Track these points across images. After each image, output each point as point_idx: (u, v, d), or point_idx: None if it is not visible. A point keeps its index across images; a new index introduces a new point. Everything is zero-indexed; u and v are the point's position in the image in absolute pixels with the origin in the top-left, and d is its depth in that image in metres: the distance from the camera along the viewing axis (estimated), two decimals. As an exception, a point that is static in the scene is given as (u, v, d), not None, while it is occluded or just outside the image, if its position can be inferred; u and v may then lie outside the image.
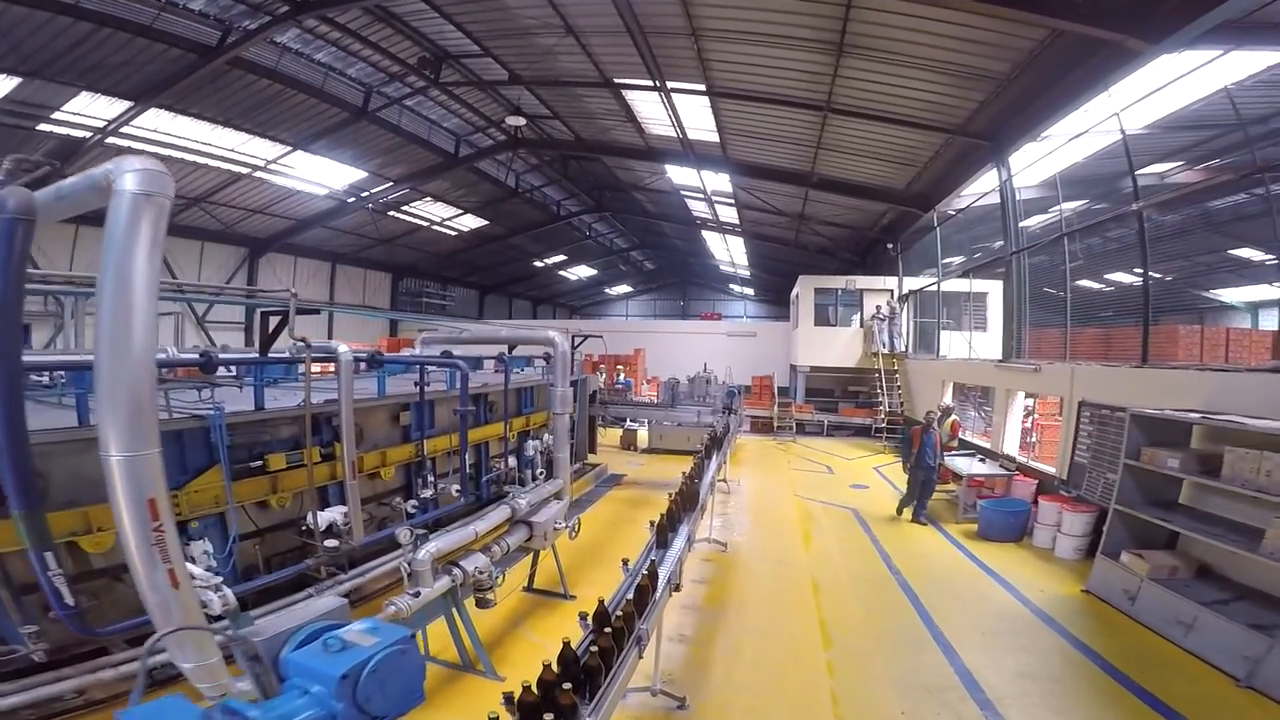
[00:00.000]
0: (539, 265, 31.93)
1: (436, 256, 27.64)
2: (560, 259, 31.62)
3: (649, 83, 12.35)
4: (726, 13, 9.59)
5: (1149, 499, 6.37)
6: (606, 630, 3.37)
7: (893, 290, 19.53)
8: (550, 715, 2.38)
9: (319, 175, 17.58)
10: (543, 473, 6.89)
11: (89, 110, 12.96)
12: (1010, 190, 11.68)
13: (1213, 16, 6.31)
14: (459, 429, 5.87)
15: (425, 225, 23.33)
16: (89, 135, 13.74)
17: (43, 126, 12.96)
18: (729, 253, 27.56)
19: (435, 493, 6.43)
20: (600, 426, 15.30)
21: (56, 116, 12.82)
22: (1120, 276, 13.83)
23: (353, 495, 4.88)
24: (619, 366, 22.34)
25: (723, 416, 12.61)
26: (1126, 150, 8.55)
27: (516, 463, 7.19)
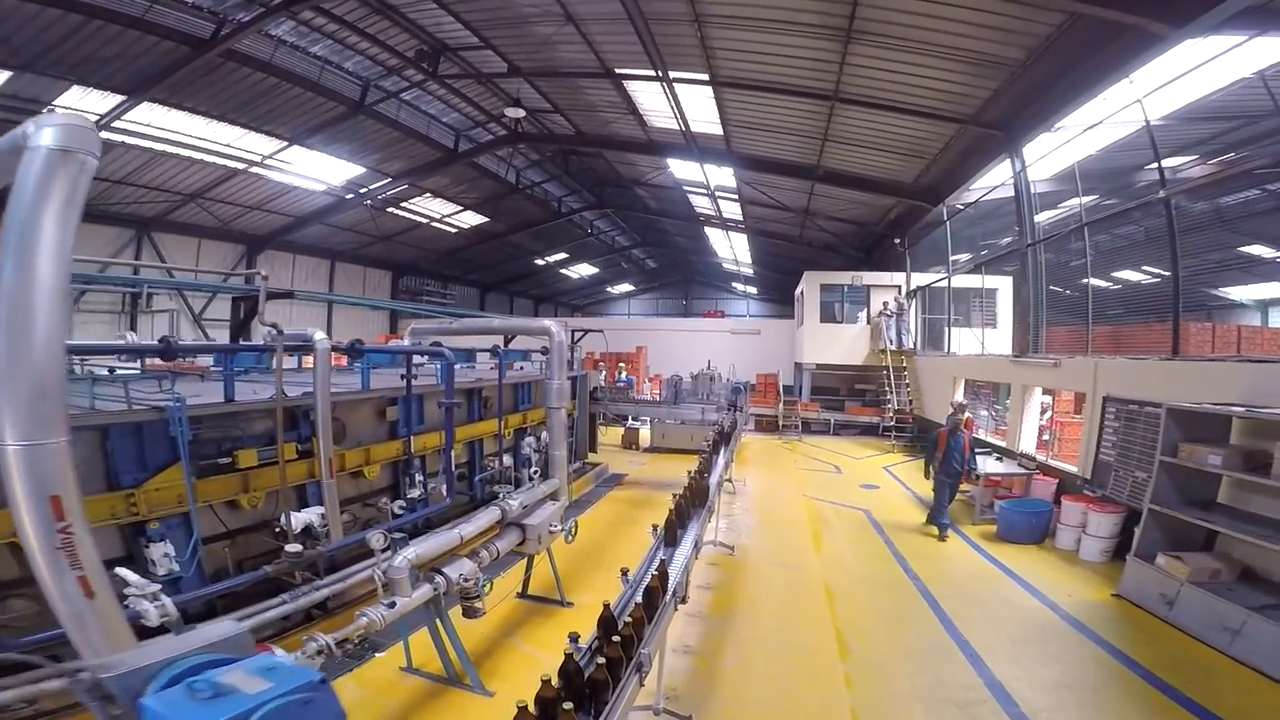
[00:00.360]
0: (540, 263, 31.66)
1: (437, 254, 27.40)
2: (561, 257, 31.34)
3: (651, 72, 12.02)
4: (731, -4, 9.28)
5: (1185, 498, 6.01)
6: (615, 639, 3.03)
7: (900, 286, 19.17)
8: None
9: (316, 171, 17.37)
10: (537, 472, 6.54)
11: (81, 104, 12.71)
12: (1025, 181, 11.33)
13: (1239, 0, 6.02)
14: (445, 423, 5.46)
15: (425, 222, 23.08)
16: (82, 130, 13.53)
17: (34, 121, 12.75)
18: (732, 250, 27.18)
19: (425, 493, 6.05)
20: (601, 425, 14.96)
21: (48, 111, 12.62)
22: (1127, 275, 13.52)
23: (330, 495, 4.53)
24: (620, 364, 22.02)
25: (729, 414, 12.22)
26: (1151, 138, 8.19)
27: (513, 462, 6.82)
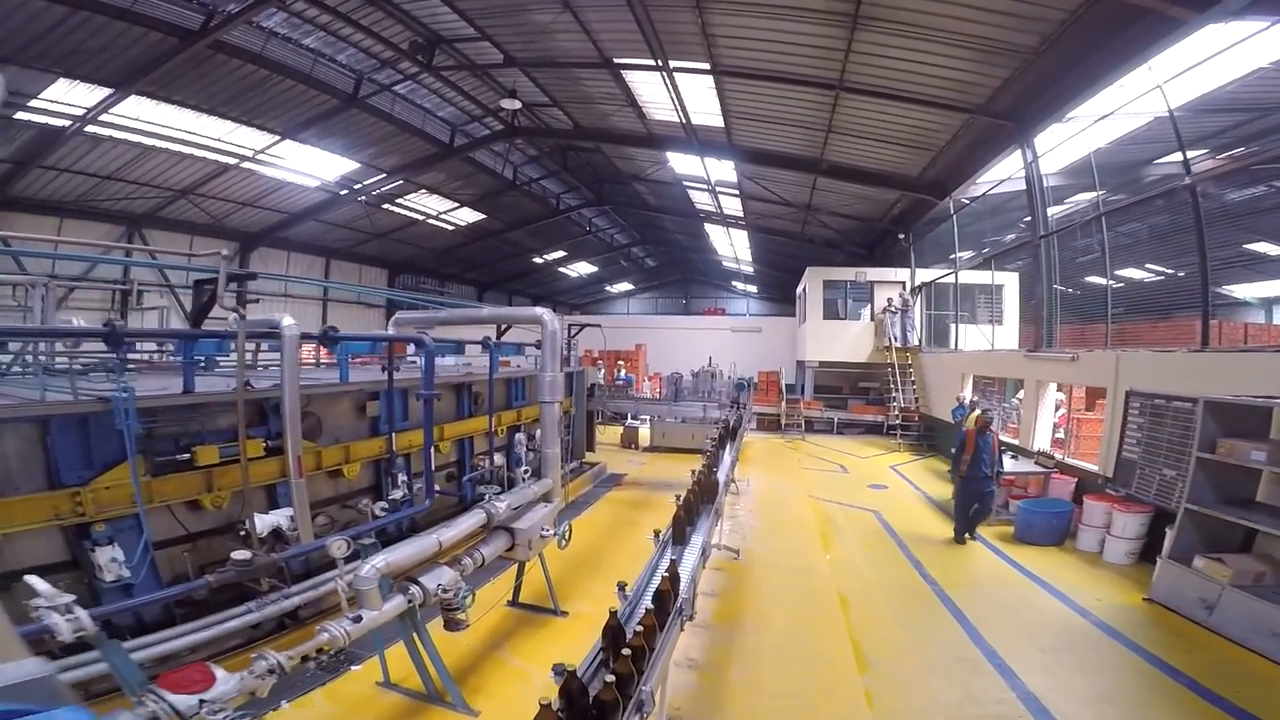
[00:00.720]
0: (538, 261, 31.32)
1: (433, 252, 27.05)
2: (560, 255, 30.99)
3: (650, 62, 11.71)
4: (734, -20, 9.00)
5: (1222, 497, 5.70)
6: (625, 652, 2.65)
7: (904, 282, 18.86)
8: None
9: (310, 166, 17.02)
10: (528, 472, 6.16)
11: (67, 98, 12.40)
12: (1037, 172, 11.04)
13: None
14: (424, 417, 5.05)
15: (421, 219, 22.71)
16: (68, 124, 13.21)
17: (20, 115, 12.36)
18: (732, 248, 26.85)
19: (409, 494, 5.70)
20: (599, 423, 14.64)
21: (34, 104, 12.23)
22: (1131, 272, 13.26)
23: (299, 495, 4.17)
24: (620, 362, 21.72)
25: (733, 410, 11.88)
26: (1174, 124, 7.87)
27: (505, 461, 6.46)
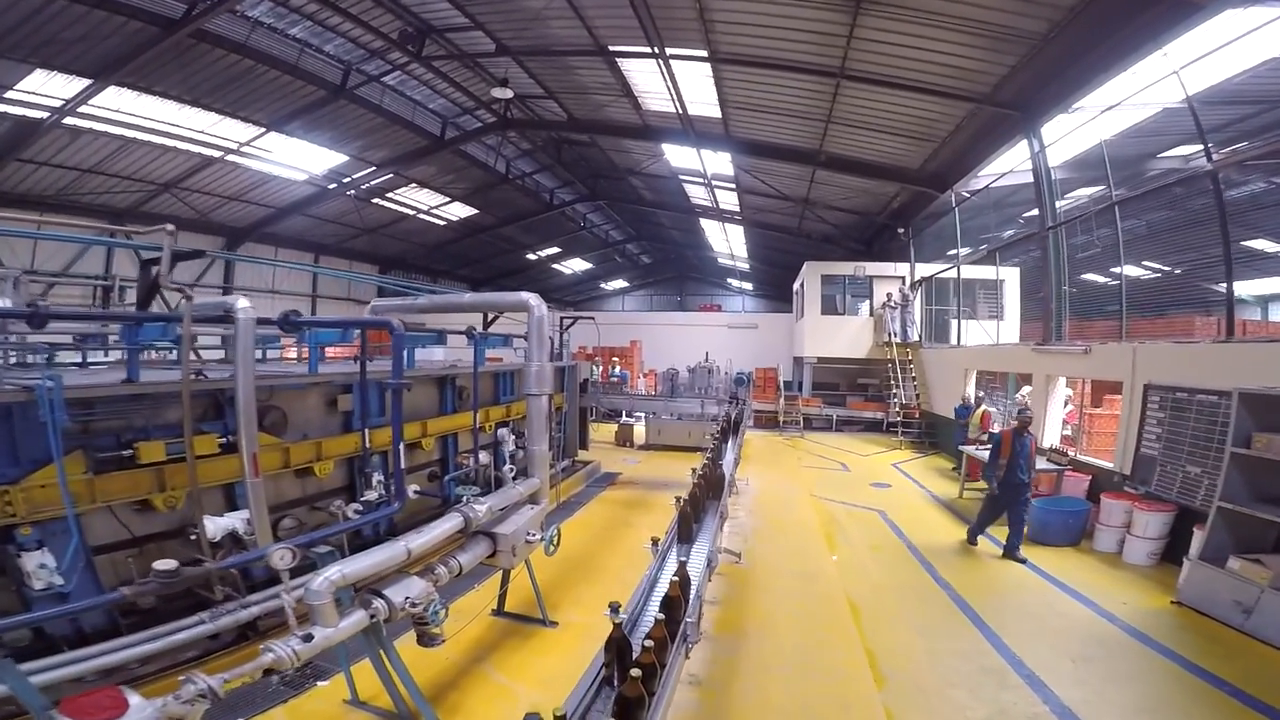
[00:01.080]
0: (532, 258, 30.93)
1: (425, 248, 26.63)
2: (554, 251, 30.61)
3: (646, 49, 11.37)
4: (734, -38, 8.68)
5: (1258, 494, 5.44)
6: (633, 674, 2.27)
7: (904, 277, 18.61)
8: None
9: (297, 159, 16.61)
10: (512, 470, 5.80)
11: (44, 89, 12.00)
12: (1044, 162, 10.78)
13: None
14: (392, 411, 4.59)
15: (412, 214, 22.30)
16: (45, 116, 12.80)
17: (-5, 107, 11.97)
18: (728, 244, 26.55)
19: (387, 495, 5.35)
20: (593, 420, 14.32)
21: (9, 96, 11.83)
22: (1128, 270, 13.06)
23: (255, 496, 3.78)
24: (614, 358, 21.39)
25: (733, 405, 11.56)
26: (1193, 112, 7.60)
27: (492, 460, 6.10)
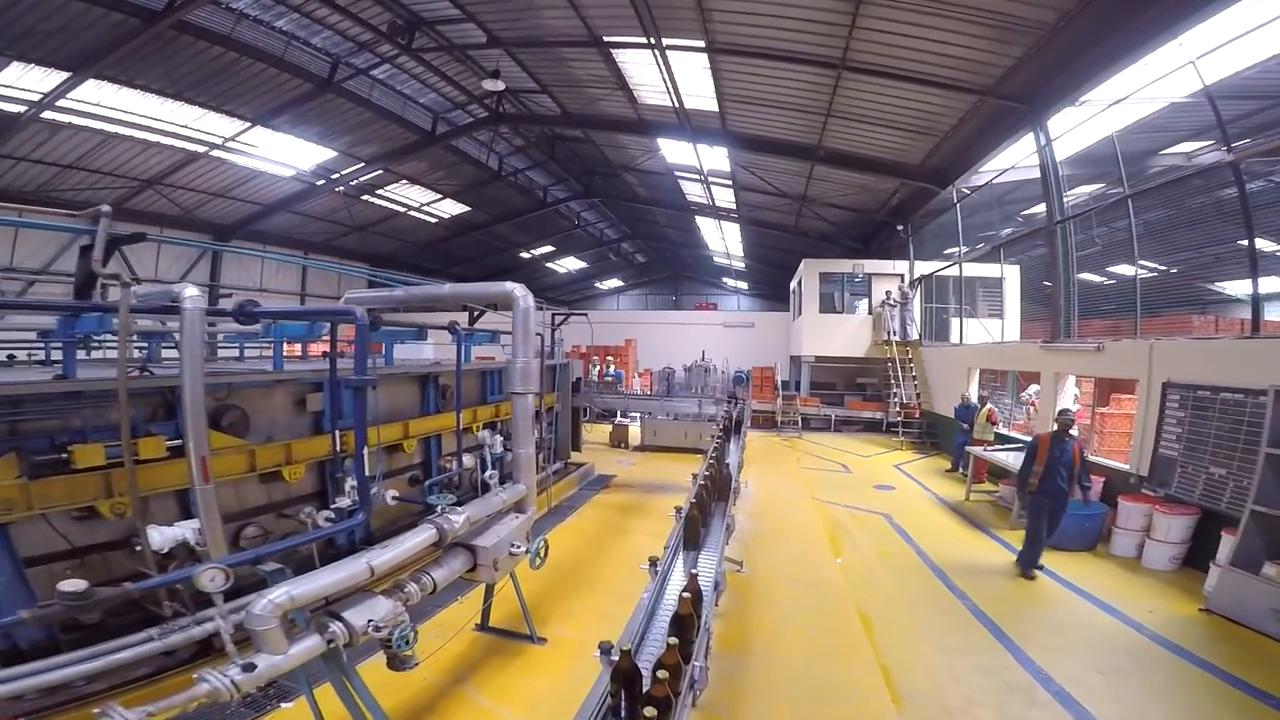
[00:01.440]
0: (525, 256, 30.58)
1: (416, 246, 26.26)
2: (548, 250, 30.28)
3: (642, 40, 11.05)
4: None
5: (1294, 498, 5.25)
6: (648, 713, 2.04)
7: (903, 275, 18.37)
8: None
9: (284, 154, 16.24)
10: (493, 476, 5.41)
11: (21, 82, 11.66)
12: (1051, 156, 10.54)
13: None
14: (353, 411, 4.20)
15: (402, 211, 21.93)
16: (23, 110, 12.48)
17: (-29, 102, 11.63)
18: (724, 242, 26.28)
19: (363, 501, 5.01)
20: (586, 421, 13.95)
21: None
22: (1124, 269, 12.90)
23: (205, 504, 3.44)
24: (609, 358, 21.05)
25: (733, 404, 11.24)
26: (1212, 102, 7.37)
27: (476, 463, 5.71)
